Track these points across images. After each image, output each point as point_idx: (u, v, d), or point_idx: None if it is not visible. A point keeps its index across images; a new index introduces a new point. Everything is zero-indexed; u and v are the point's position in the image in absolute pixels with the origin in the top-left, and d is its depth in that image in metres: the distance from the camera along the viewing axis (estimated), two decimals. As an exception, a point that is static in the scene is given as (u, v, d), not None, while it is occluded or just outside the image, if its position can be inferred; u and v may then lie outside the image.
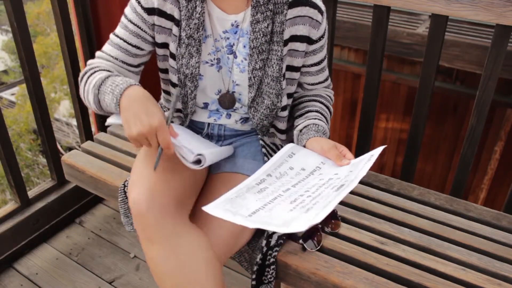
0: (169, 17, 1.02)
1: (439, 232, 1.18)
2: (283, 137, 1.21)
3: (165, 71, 1.12)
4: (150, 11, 1.01)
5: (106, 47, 1.08)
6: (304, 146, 1.06)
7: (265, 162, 1.06)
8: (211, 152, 1.00)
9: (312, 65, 1.14)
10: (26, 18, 1.52)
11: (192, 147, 0.98)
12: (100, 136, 1.64)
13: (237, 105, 1.14)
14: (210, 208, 0.82)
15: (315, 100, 1.17)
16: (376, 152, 0.96)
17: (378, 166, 3.91)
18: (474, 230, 1.20)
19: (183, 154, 0.94)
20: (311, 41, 1.07)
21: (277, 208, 0.84)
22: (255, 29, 1.02)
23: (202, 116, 1.17)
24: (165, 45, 1.07)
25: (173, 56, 1.06)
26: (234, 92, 1.11)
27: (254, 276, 1.05)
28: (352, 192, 1.32)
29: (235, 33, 1.05)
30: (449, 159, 3.54)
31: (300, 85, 1.20)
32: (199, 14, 1.01)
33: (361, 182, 1.39)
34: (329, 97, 1.22)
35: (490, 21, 1.25)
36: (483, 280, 1.03)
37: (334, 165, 0.98)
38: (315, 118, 1.10)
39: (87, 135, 1.87)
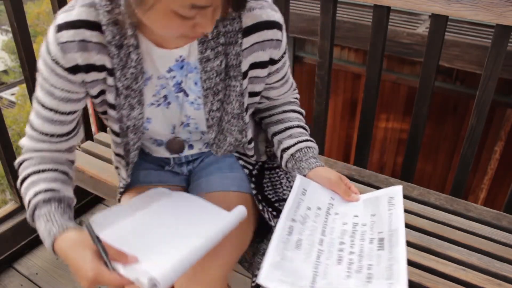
0: (100, 68, 0.83)
1: (439, 232, 1.18)
2: (251, 151, 1.07)
3: (105, 113, 0.93)
4: (74, 70, 0.81)
5: (36, 121, 0.88)
6: (305, 175, 0.98)
7: (245, 173, 1.05)
8: (166, 268, 0.73)
9: (276, 82, 1.01)
10: (26, 18, 1.52)
11: (144, 264, 0.76)
12: (100, 136, 1.64)
13: (195, 136, 1.01)
14: (263, 281, 0.73)
15: (289, 110, 1.08)
16: (394, 194, 0.92)
17: (378, 166, 3.91)
18: (474, 230, 1.20)
19: (138, 278, 0.73)
20: (273, 62, 0.93)
21: (331, 274, 0.79)
22: (206, 68, 0.87)
23: (163, 153, 1.05)
24: (101, 93, 0.88)
25: (112, 106, 0.88)
26: (188, 124, 0.97)
27: (254, 279, 1.04)
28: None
29: (181, 68, 0.88)
30: (449, 159, 3.54)
31: (264, 97, 1.06)
32: (135, 62, 0.82)
33: (361, 182, 1.39)
34: (297, 99, 1.14)
35: (490, 21, 1.25)
36: (483, 280, 1.03)
37: (343, 200, 0.95)
38: (306, 140, 1.02)
39: (87, 135, 1.87)
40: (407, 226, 1.20)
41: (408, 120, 2.56)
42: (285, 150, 1.03)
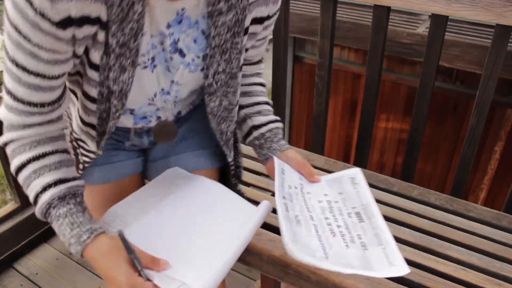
0: (94, 21, 0.69)
1: (439, 232, 1.18)
2: (236, 115, 1.00)
3: (76, 74, 0.80)
4: (65, 23, 0.65)
5: (20, 89, 0.72)
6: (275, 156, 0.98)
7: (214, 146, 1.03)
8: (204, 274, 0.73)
9: (260, 39, 0.95)
10: (26, 18, 1.51)
11: (180, 272, 0.74)
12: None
13: (169, 105, 0.92)
14: (297, 254, 0.75)
15: (256, 83, 1.03)
16: (354, 175, 0.98)
17: (378, 166, 3.91)
18: (474, 230, 1.20)
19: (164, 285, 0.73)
20: (269, 18, 0.89)
21: (334, 245, 0.84)
22: (217, 22, 0.78)
23: (126, 122, 0.94)
24: (84, 51, 0.74)
25: (94, 66, 0.75)
26: (169, 92, 0.87)
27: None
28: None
29: (179, 23, 0.77)
30: (449, 159, 3.54)
31: None
32: (137, 15, 0.70)
33: (361, 182, 1.39)
34: (262, 69, 1.08)
35: (490, 21, 1.25)
36: (483, 280, 1.03)
37: (308, 181, 0.98)
38: (276, 121, 1.00)
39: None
40: (407, 226, 1.20)
41: (408, 120, 2.57)
42: (256, 127, 0.99)
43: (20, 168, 0.77)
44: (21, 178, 0.78)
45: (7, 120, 0.76)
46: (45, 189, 0.76)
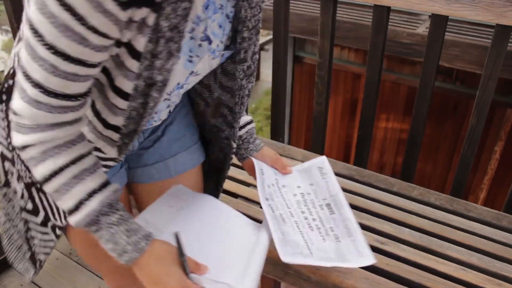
0: (148, 2, 0.60)
1: (439, 232, 1.18)
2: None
3: (104, 69, 0.70)
4: (128, 3, 0.58)
5: (52, 80, 0.61)
6: (251, 156, 1.03)
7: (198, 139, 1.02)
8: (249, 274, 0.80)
9: None
10: (26, 18, 1.52)
11: (221, 276, 0.79)
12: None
13: (175, 99, 0.88)
14: (286, 259, 0.84)
15: None
16: (321, 164, 1.05)
17: (378, 166, 3.91)
18: (474, 230, 1.20)
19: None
20: None
21: (313, 240, 0.93)
22: (251, 3, 0.76)
23: None
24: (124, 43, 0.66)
25: (137, 55, 0.66)
26: (182, 86, 0.82)
27: None
28: (352, 192, 1.33)
29: (206, 8, 0.72)
30: (449, 159, 3.54)
31: None
32: None
33: (361, 182, 1.39)
34: None
35: (490, 21, 1.25)
36: (483, 280, 1.03)
37: (281, 174, 1.03)
38: (251, 121, 1.03)
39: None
40: (407, 226, 1.20)
41: (408, 120, 2.57)
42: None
43: (56, 173, 0.68)
44: (54, 184, 0.69)
45: (33, 119, 0.64)
46: (90, 195, 0.70)
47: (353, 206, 1.26)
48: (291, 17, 1.62)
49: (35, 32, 0.58)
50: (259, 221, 1.01)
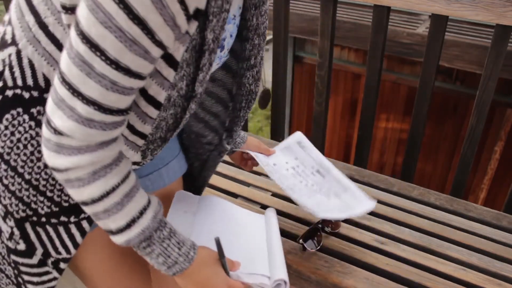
0: (202, 14, 0.61)
1: (439, 232, 1.18)
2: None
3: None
4: (193, 16, 0.59)
5: (112, 97, 0.58)
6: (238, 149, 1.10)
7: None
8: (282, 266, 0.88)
9: None
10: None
11: (255, 268, 0.86)
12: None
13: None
14: (321, 214, 0.96)
15: None
16: (299, 139, 1.17)
17: (378, 166, 3.91)
18: (474, 230, 1.20)
19: (263, 282, 0.85)
20: None
21: (322, 202, 1.03)
22: (262, 11, 0.79)
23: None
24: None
25: (173, 64, 0.64)
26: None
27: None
28: (352, 192, 1.33)
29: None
30: (449, 159, 3.54)
31: None
32: (229, 4, 0.64)
33: (361, 182, 1.39)
34: None
35: (490, 21, 1.25)
36: (483, 280, 1.03)
37: (266, 156, 1.12)
38: None
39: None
40: (407, 226, 1.20)
41: (408, 120, 2.57)
42: None
43: (108, 193, 0.65)
44: (105, 205, 0.65)
45: (85, 139, 0.60)
46: (142, 212, 0.69)
47: (353, 206, 1.27)
48: (291, 17, 1.62)
49: (95, 47, 0.54)
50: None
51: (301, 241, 1.08)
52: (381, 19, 1.43)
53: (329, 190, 1.06)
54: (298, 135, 1.17)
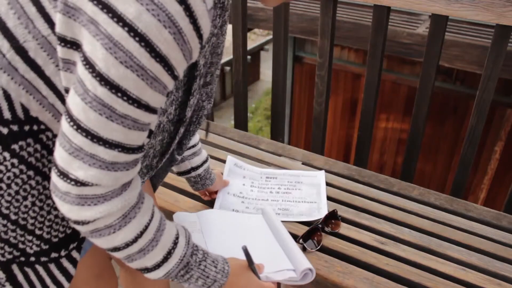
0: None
1: (439, 232, 1.18)
2: None
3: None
4: (204, 42, 0.59)
5: (134, 135, 0.58)
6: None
7: None
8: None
9: None
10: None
11: (279, 265, 0.94)
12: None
13: None
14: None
15: None
16: (234, 161, 1.40)
17: (378, 166, 3.91)
18: (474, 230, 1.20)
19: (291, 276, 0.93)
20: None
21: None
22: (223, 31, 0.77)
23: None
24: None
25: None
26: None
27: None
28: (352, 192, 1.33)
29: None
30: (449, 159, 3.54)
31: None
32: (226, 26, 0.72)
33: (361, 182, 1.39)
34: None
35: (490, 21, 1.25)
36: (483, 280, 1.03)
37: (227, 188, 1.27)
38: (207, 159, 1.13)
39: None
40: (407, 226, 1.20)
41: (408, 120, 2.57)
42: (194, 169, 1.10)
43: (142, 233, 0.64)
44: (139, 245, 0.64)
45: (110, 184, 0.58)
46: (175, 242, 0.69)
47: (353, 206, 1.26)
48: (291, 17, 1.63)
49: (115, 89, 0.53)
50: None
51: (301, 241, 1.08)
52: (381, 19, 1.43)
53: (288, 187, 1.29)
54: (230, 159, 1.38)
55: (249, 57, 7.37)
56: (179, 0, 0.50)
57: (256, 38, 10.51)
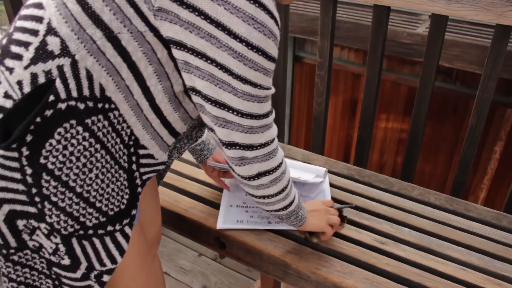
0: None
1: (439, 232, 1.18)
2: None
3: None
4: None
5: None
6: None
7: None
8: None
9: None
10: (26, 18, 1.52)
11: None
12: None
13: None
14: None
15: None
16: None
17: (378, 166, 3.91)
18: (474, 230, 1.20)
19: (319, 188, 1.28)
20: None
21: None
22: None
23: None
24: None
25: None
26: None
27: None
28: (352, 192, 1.33)
29: None
30: (449, 159, 3.54)
31: None
32: None
33: (361, 182, 1.39)
34: None
35: (490, 21, 1.25)
36: (483, 280, 1.03)
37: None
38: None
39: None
40: (407, 226, 1.20)
41: (408, 120, 2.57)
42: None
43: (288, 182, 0.93)
44: (288, 192, 0.93)
45: (273, 141, 0.85)
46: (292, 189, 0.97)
47: (353, 206, 1.26)
48: (291, 17, 1.63)
49: (254, 85, 0.75)
50: None
51: (307, 233, 1.08)
52: (381, 19, 1.43)
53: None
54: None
55: (249, 57, 7.34)
56: (270, 16, 0.71)
57: (256, 38, 10.49)
